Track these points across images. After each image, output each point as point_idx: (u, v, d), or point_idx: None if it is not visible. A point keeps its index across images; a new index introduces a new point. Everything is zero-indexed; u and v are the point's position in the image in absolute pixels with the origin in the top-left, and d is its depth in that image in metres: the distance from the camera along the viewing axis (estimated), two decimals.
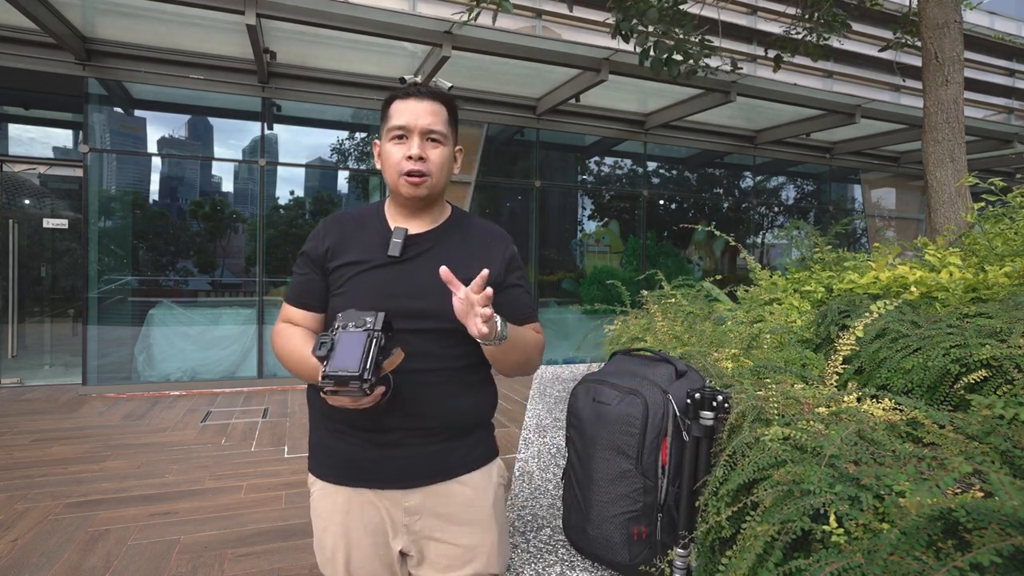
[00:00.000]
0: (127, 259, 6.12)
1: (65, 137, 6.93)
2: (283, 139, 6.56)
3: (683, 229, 3.36)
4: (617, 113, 7.41)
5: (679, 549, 1.35)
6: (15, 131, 6.60)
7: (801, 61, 7.21)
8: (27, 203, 6.64)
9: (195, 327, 6.13)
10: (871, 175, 9.66)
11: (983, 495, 0.86)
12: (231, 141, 6.55)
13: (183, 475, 3.58)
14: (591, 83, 5.75)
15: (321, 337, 0.99)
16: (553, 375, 3.70)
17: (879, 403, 1.28)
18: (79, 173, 5.80)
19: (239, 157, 6.56)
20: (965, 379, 1.32)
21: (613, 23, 4.36)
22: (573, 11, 4.40)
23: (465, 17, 3.98)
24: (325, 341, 0.98)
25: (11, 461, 3.75)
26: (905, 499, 0.86)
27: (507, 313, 1.24)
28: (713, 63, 4.63)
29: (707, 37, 4.52)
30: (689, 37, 4.42)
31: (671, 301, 2.95)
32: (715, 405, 1.35)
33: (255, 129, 6.27)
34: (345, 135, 6.91)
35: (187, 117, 6.44)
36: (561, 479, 1.86)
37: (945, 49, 3.40)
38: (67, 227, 6.57)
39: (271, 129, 6.41)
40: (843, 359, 1.56)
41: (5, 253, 6.19)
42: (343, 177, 7.15)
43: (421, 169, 1.16)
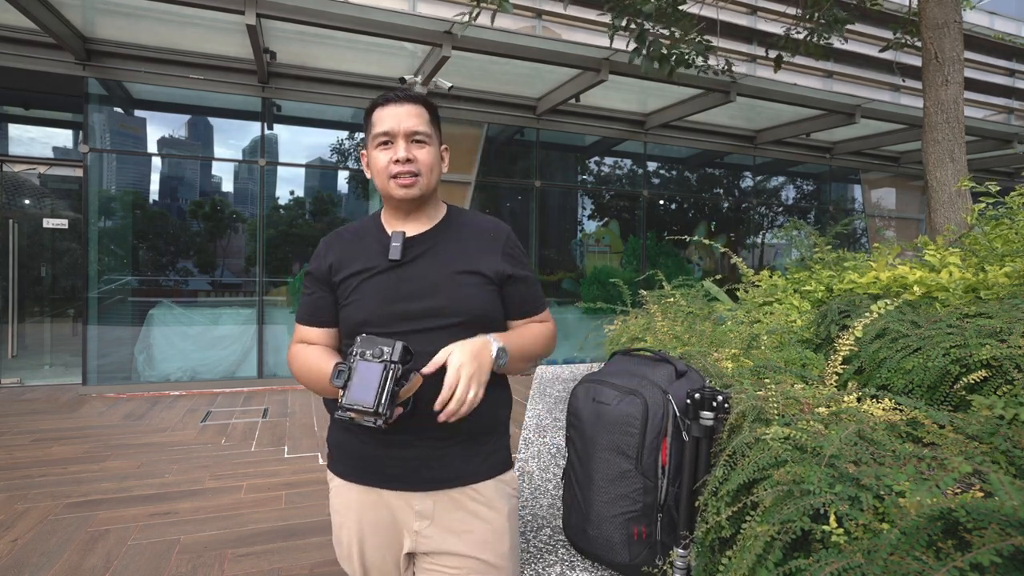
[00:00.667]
0: (127, 259, 6.12)
1: (65, 137, 6.93)
2: (283, 139, 6.57)
3: (679, 241, 3.36)
4: (617, 113, 7.41)
5: (679, 549, 1.35)
6: (15, 131, 6.60)
7: (801, 61, 7.22)
8: (27, 203, 6.64)
9: (195, 327, 6.13)
10: (871, 175, 9.66)
11: (983, 495, 0.86)
12: (231, 141, 6.55)
13: (183, 475, 3.58)
14: (591, 83, 5.75)
15: (339, 366, 1.00)
16: (553, 375, 3.70)
17: (879, 403, 1.28)
18: (79, 173, 5.80)
19: (239, 157, 6.56)
20: (965, 379, 1.32)
21: (609, 23, 4.35)
22: (572, 11, 4.39)
23: (466, 18, 3.98)
24: (343, 370, 0.99)
25: (11, 461, 3.75)
26: (905, 499, 0.86)
27: (516, 304, 1.25)
28: (711, 62, 4.63)
29: (705, 37, 4.52)
30: (687, 36, 4.41)
31: (671, 301, 2.95)
32: (715, 405, 1.35)
33: (255, 129, 6.27)
34: (345, 135, 6.91)
35: (187, 117, 6.44)
36: (561, 479, 1.86)
37: (945, 49, 3.40)
38: (67, 227, 6.57)
39: (271, 129, 6.41)
40: (843, 359, 1.56)
41: (5, 253, 6.19)
42: (343, 177, 7.15)
43: (411, 170, 1.17)
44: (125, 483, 3.44)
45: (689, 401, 1.38)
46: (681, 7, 4.51)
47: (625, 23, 4.27)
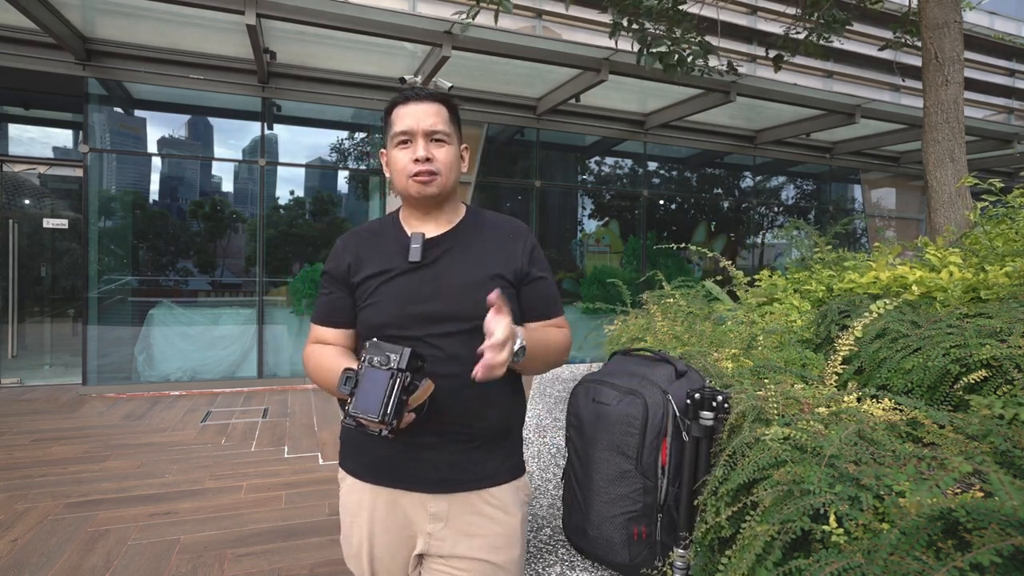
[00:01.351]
0: (127, 259, 6.12)
1: (65, 137, 6.93)
2: (283, 139, 6.57)
3: (681, 249, 3.36)
4: (617, 113, 7.41)
5: (679, 549, 1.35)
6: (15, 131, 6.61)
7: (801, 61, 7.21)
8: (27, 203, 6.64)
9: (195, 327, 6.13)
10: (871, 175, 9.66)
11: (983, 495, 0.86)
12: (231, 141, 6.55)
13: (183, 475, 3.58)
14: (591, 83, 5.75)
15: (346, 371, 0.99)
16: (553, 375, 3.70)
17: (879, 403, 1.27)
18: (79, 173, 5.80)
19: (239, 157, 6.56)
20: (965, 379, 1.32)
21: (611, 23, 4.35)
22: (573, 11, 4.39)
23: (466, 17, 3.97)
24: (350, 376, 0.98)
25: (11, 461, 3.75)
26: (905, 499, 0.86)
27: (533, 306, 1.24)
28: (712, 63, 4.62)
29: (706, 38, 4.52)
30: (688, 36, 4.41)
31: (670, 301, 2.95)
32: (715, 405, 1.35)
33: (255, 129, 6.27)
34: (345, 135, 6.91)
35: (187, 117, 6.44)
36: (561, 479, 1.86)
37: (945, 49, 3.40)
38: (67, 227, 6.57)
39: (271, 129, 6.41)
40: (843, 359, 1.56)
41: (5, 253, 6.19)
42: (343, 177, 7.15)
43: (429, 168, 1.16)
44: (125, 483, 3.44)
45: (689, 401, 1.38)
46: (681, 7, 4.51)
47: (627, 22, 4.27)
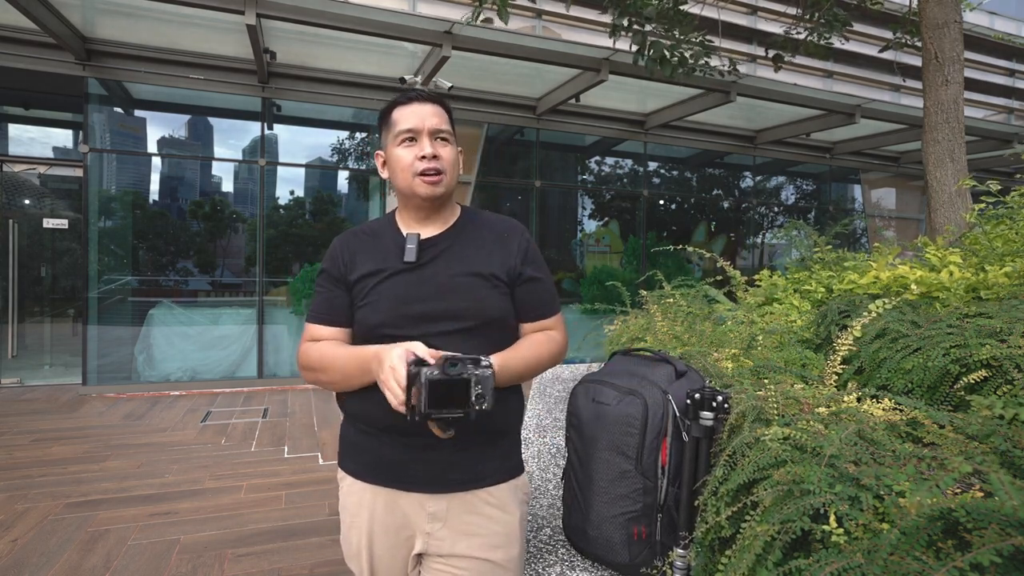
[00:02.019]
0: (127, 259, 6.12)
1: (65, 137, 6.93)
2: (283, 139, 6.57)
3: (677, 246, 3.36)
4: (617, 113, 7.41)
5: (679, 549, 1.35)
6: (15, 131, 6.61)
7: (801, 61, 7.22)
8: (27, 203, 6.64)
9: (195, 327, 6.13)
10: (871, 175, 9.66)
11: (983, 495, 0.86)
12: (231, 141, 6.56)
13: (183, 475, 3.58)
14: (591, 83, 5.75)
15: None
16: (553, 375, 3.70)
17: (879, 403, 1.27)
18: (79, 173, 5.80)
19: (239, 157, 6.56)
20: (965, 379, 1.32)
21: (611, 23, 4.35)
22: (573, 11, 4.39)
23: (468, 18, 3.98)
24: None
25: (11, 461, 3.75)
26: (905, 499, 0.86)
27: (527, 306, 1.23)
28: (713, 63, 4.63)
29: (707, 38, 4.52)
30: (688, 37, 4.41)
31: (670, 301, 2.95)
32: (715, 405, 1.35)
33: (255, 129, 6.27)
34: (345, 135, 6.91)
35: (187, 117, 6.44)
36: (561, 479, 1.86)
37: (945, 49, 3.40)
38: (67, 227, 6.57)
39: (271, 129, 6.41)
40: (842, 359, 1.56)
41: (5, 253, 6.19)
42: (343, 177, 7.15)
43: (436, 167, 1.16)
44: (125, 483, 3.44)
45: (689, 401, 1.38)
46: (682, 7, 4.51)
47: (627, 23, 4.27)
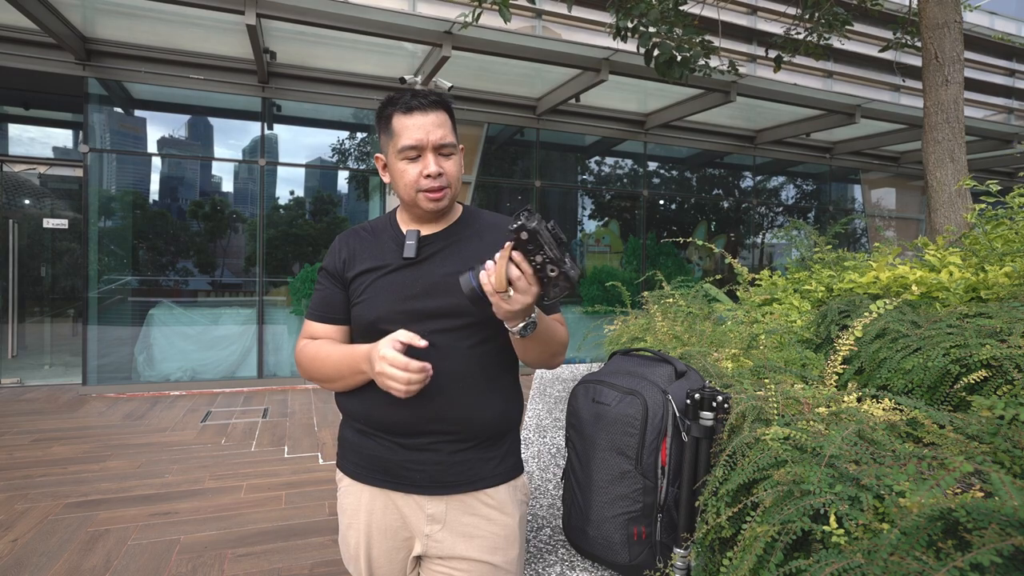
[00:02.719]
0: (127, 259, 6.12)
1: (65, 137, 6.93)
2: (283, 139, 6.57)
3: (681, 238, 3.35)
4: (617, 113, 7.41)
5: (679, 549, 1.35)
6: (15, 131, 6.61)
7: (801, 61, 7.21)
8: (27, 203, 6.64)
9: (195, 327, 6.13)
10: (871, 175, 9.66)
11: (983, 495, 0.86)
12: (231, 141, 6.55)
13: (183, 475, 3.58)
14: (591, 83, 5.75)
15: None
16: (553, 375, 3.70)
17: (879, 403, 1.27)
18: (79, 173, 5.81)
19: (239, 157, 6.56)
20: (965, 379, 1.32)
21: (613, 23, 4.35)
22: (573, 11, 4.39)
23: (468, 18, 3.98)
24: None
25: (11, 461, 3.75)
26: (905, 499, 0.86)
27: None
28: (713, 63, 4.62)
29: (707, 38, 4.52)
30: (690, 37, 4.41)
31: (670, 301, 2.95)
32: (715, 405, 1.35)
33: (255, 129, 6.27)
34: (345, 135, 6.91)
35: (187, 117, 6.44)
36: (561, 479, 1.86)
37: (945, 49, 3.40)
38: (67, 227, 6.57)
39: (271, 129, 6.41)
40: (843, 359, 1.56)
41: (5, 253, 6.19)
42: (343, 177, 7.15)
43: (441, 184, 1.15)
44: (125, 483, 3.44)
45: (689, 401, 1.38)
46: (682, 7, 4.51)
47: (632, 25, 4.27)
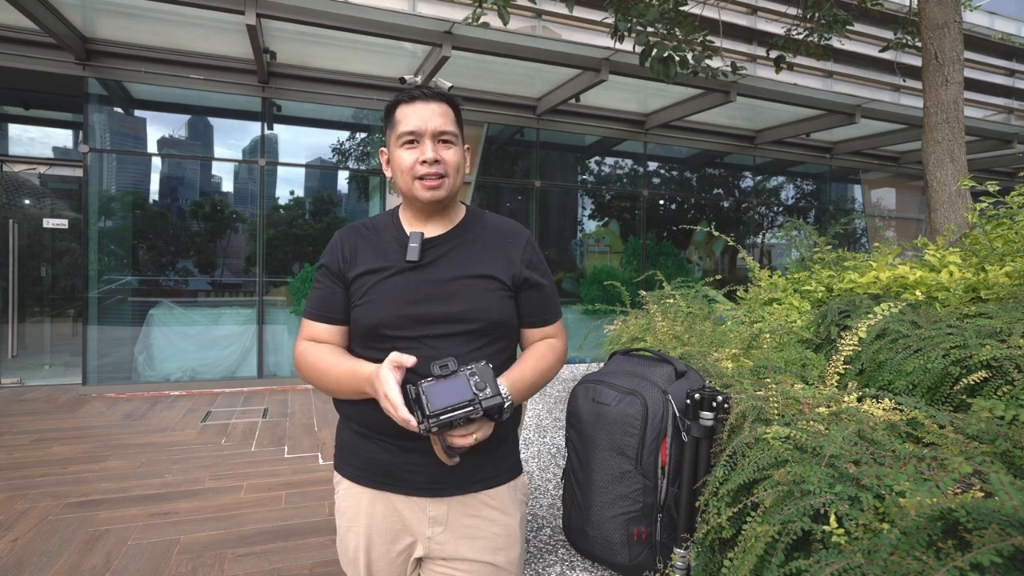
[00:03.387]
0: (127, 259, 6.11)
1: (65, 137, 6.92)
2: (283, 139, 6.56)
3: (683, 230, 3.34)
4: (617, 113, 7.41)
5: (679, 549, 1.35)
6: (15, 131, 6.60)
7: (801, 61, 7.22)
8: (27, 203, 6.64)
9: (195, 327, 6.13)
10: (871, 175, 9.66)
11: (983, 495, 0.86)
12: (231, 141, 6.55)
13: (183, 475, 3.58)
14: (591, 83, 5.75)
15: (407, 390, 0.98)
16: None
17: (879, 403, 1.27)
18: (79, 173, 5.80)
19: (239, 157, 6.56)
20: (965, 380, 1.32)
21: (612, 23, 4.36)
22: (573, 11, 4.38)
23: (468, 18, 3.98)
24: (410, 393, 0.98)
25: (11, 461, 3.75)
26: (905, 499, 0.86)
27: (530, 312, 1.22)
28: (714, 63, 4.62)
29: (708, 38, 4.52)
30: (690, 38, 4.41)
31: (670, 301, 2.95)
32: (715, 405, 1.35)
33: (255, 129, 6.27)
34: (345, 135, 6.91)
35: (187, 117, 6.44)
36: (561, 479, 1.86)
37: (945, 49, 3.40)
38: (67, 227, 6.56)
39: (271, 129, 6.41)
40: (844, 359, 1.56)
41: (5, 253, 6.18)
42: (343, 177, 7.15)
43: (438, 171, 1.13)
44: (125, 483, 3.44)
45: (689, 401, 1.38)
46: (682, 7, 4.51)
47: (630, 25, 4.27)
